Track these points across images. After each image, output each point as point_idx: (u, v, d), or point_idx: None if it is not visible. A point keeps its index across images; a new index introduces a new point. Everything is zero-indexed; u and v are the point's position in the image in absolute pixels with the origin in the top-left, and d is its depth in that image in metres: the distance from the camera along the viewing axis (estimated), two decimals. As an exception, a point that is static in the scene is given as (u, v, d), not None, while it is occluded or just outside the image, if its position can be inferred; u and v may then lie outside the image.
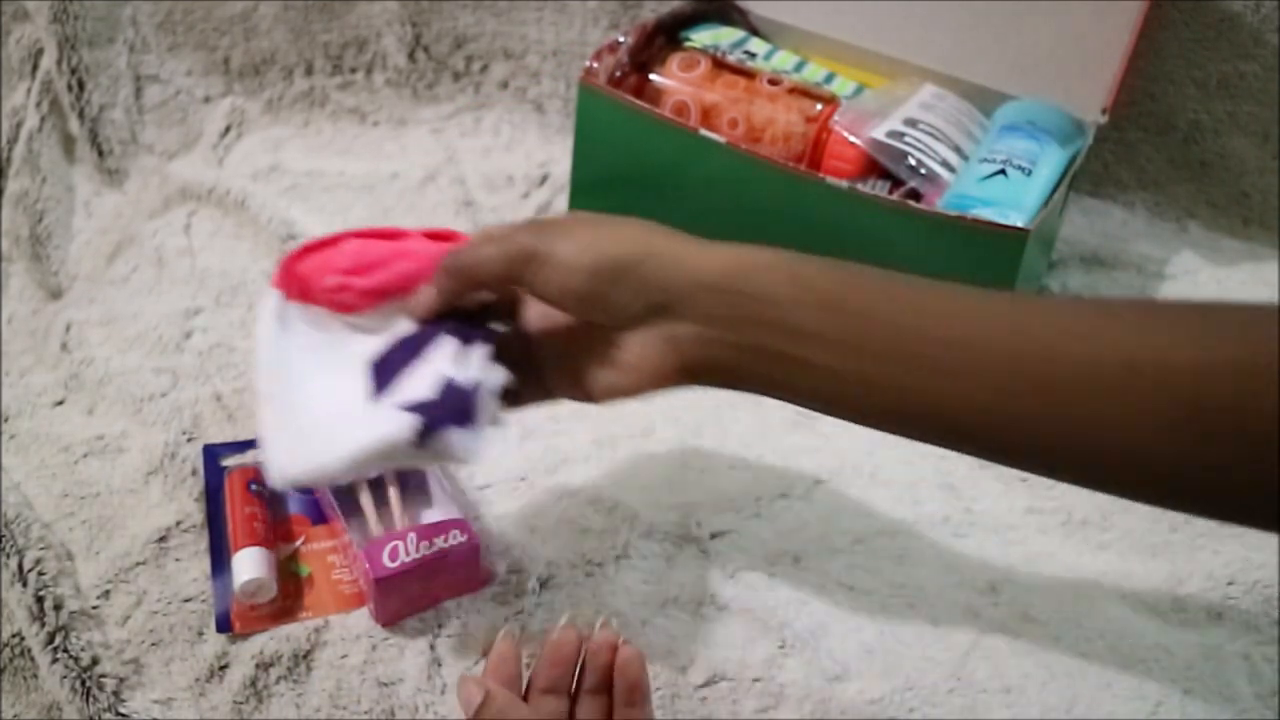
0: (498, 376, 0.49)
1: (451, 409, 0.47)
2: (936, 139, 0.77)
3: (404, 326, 0.50)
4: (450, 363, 0.48)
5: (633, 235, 0.48)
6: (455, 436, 0.47)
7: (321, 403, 0.49)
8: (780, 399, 0.47)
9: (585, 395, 0.52)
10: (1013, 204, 0.71)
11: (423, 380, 0.48)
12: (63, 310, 0.79)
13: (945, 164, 0.76)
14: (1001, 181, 0.73)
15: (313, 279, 0.50)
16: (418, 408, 0.47)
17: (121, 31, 0.92)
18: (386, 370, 0.49)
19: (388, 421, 0.47)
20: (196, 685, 0.56)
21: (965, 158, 0.78)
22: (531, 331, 0.54)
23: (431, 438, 0.47)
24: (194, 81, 0.96)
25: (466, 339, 0.49)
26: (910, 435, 0.45)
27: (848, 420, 0.46)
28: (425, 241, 0.53)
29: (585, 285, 0.47)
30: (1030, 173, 0.73)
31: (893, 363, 0.43)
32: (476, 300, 0.53)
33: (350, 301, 0.50)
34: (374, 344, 0.50)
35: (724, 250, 0.47)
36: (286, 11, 0.95)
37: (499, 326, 0.54)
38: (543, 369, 0.53)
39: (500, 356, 0.51)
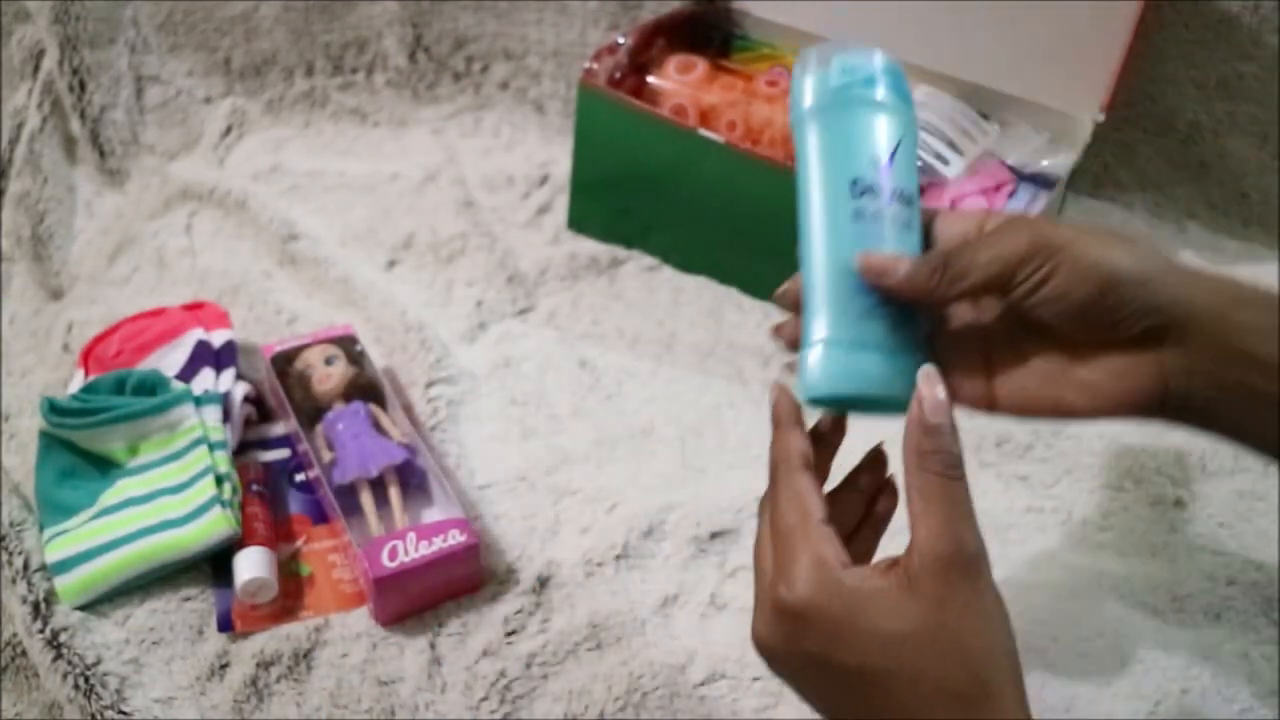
0: (242, 388, 0.69)
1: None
2: (931, 135, 0.78)
3: (172, 366, 0.70)
4: (209, 382, 0.69)
5: (1142, 251, 0.44)
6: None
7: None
8: (1244, 446, 0.45)
9: (1014, 407, 0.47)
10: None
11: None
12: (64, 310, 0.79)
13: (940, 158, 0.76)
14: None
15: (101, 355, 0.72)
16: None
17: (123, 32, 0.92)
18: None
19: None
20: (197, 684, 0.57)
21: (960, 154, 0.78)
22: (957, 329, 0.48)
23: None
24: (195, 82, 0.96)
25: (219, 368, 0.70)
26: None
27: None
28: (179, 310, 0.74)
29: (1090, 296, 0.44)
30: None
31: None
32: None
33: (126, 361, 0.71)
34: None
35: (1221, 278, 0.44)
36: (287, 12, 0.95)
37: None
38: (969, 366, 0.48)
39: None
